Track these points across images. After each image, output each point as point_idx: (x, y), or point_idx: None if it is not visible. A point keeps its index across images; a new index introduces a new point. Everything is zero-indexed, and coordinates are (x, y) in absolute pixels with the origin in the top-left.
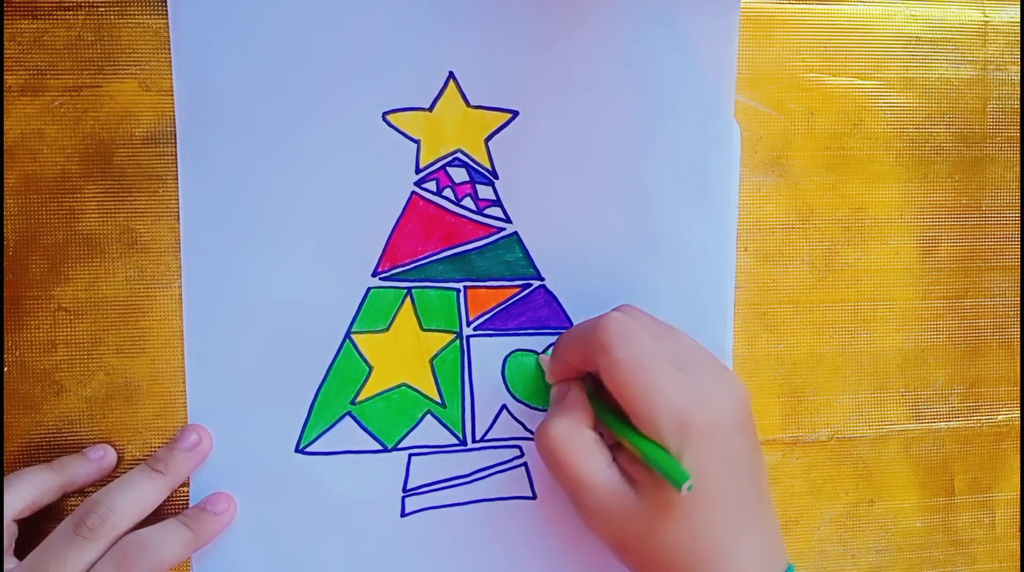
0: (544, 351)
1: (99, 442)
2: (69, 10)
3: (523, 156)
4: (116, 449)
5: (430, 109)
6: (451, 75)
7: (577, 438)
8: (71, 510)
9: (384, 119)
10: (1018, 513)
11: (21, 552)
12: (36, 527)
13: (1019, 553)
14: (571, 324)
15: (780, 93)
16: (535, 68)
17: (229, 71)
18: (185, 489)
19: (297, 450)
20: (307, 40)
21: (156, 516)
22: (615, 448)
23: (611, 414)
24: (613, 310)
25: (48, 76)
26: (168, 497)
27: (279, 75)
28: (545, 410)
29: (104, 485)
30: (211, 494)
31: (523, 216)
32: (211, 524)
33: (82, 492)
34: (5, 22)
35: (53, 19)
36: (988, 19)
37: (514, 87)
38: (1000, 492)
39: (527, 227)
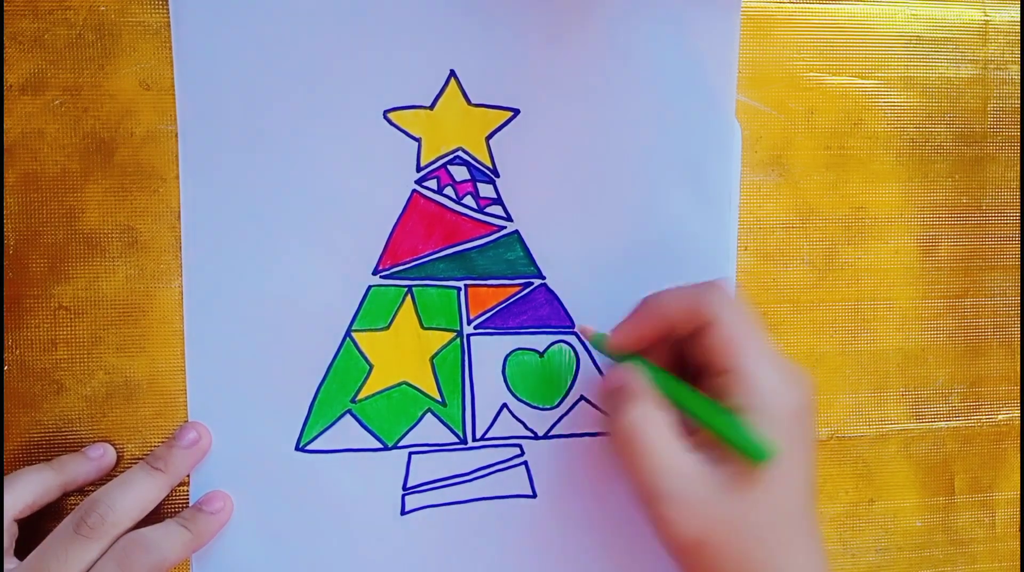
0: (545, 351)
1: (99, 441)
2: (70, 9)
3: (524, 155)
4: (116, 448)
5: (431, 107)
6: (452, 73)
7: (655, 423)
8: (71, 509)
9: (385, 117)
10: (1018, 513)
11: (21, 552)
12: (36, 526)
13: (1019, 553)
14: (571, 323)
15: (780, 92)
16: (536, 67)
17: (230, 69)
18: (185, 488)
19: (297, 448)
20: (308, 38)
21: (156, 514)
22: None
23: (682, 389)
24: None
25: (48, 75)
26: (168, 495)
27: (280, 73)
28: (546, 409)
29: (104, 484)
30: (207, 493)
31: (524, 215)
32: (209, 524)
33: (82, 491)
34: (5, 21)
35: (53, 18)
36: (989, 18)
37: (515, 86)
38: (1000, 492)
39: (528, 226)
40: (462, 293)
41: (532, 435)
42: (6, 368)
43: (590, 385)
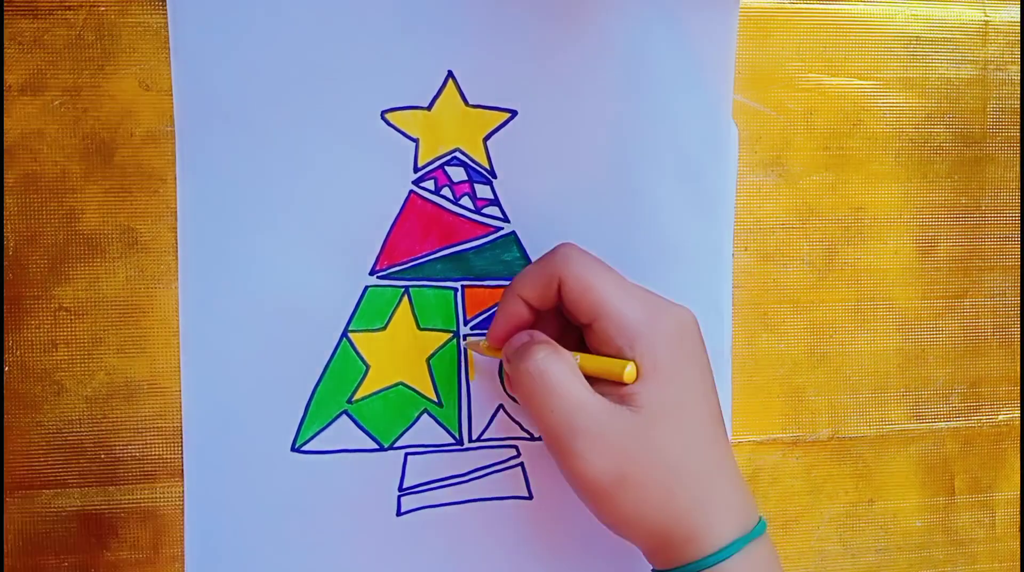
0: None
1: (100, 442)
2: (69, 10)
3: (521, 156)
4: (117, 449)
5: (429, 108)
6: (450, 74)
7: (562, 364)
8: (73, 509)
9: (383, 118)
10: (1018, 513)
11: (20, 561)
12: (32, 536)
13: (1019, 553)
14: None
15: (779, 93)
16: (534, 68)
17: (228, 69)
18: (182, 488)
19: (293, 449)
20: (306, 39)
21: (156, 517)
22: None
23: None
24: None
25: (48, 76)
26: (166, 493)
27: (278, 73)
28: None
29: (103, 490)
30: None
31: (521, 216)
32: None
33: (80, 490)
34: (5, 22)
35: (53, 19)
36: (988, 19)
37: (513, 87)
38: (1000, 492)
39: (525, 227)
40: (459, 294)
41: (528, 437)
42: (6, 369)
43: None
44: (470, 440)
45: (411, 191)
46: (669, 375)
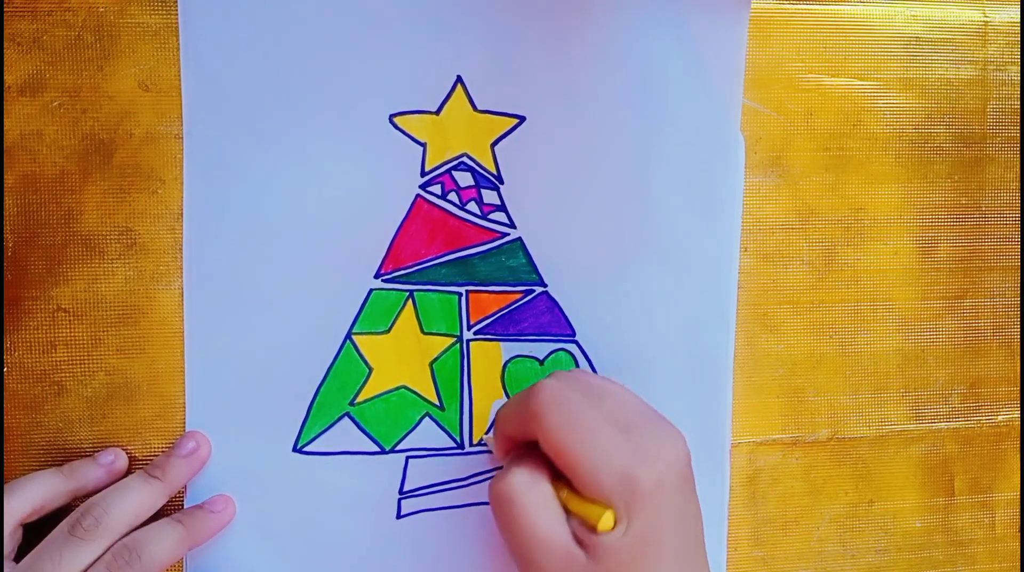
0: (545, 359)
1: (100, 442)
2: (69, 10)
3: (529, 162)
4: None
5: (437, 112)
6: (459, 79)
7: (536, 490)
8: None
9: (391, 122)
10: (1018, 513)
11: (23, 553)
12: (44, 533)
13: (1019, 553)
14: (572, 331)
15: (780, 93)
16: (543, 74)
17: (237, 71)
18: (183, 488)
19: (295, 449)
20: (315, 42)
21: (154, 520)
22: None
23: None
24: (547, 377)
25: (47, 76)
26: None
27: (287, 76)
28: None
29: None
30: (211, 497)
31: (527, 222)
32: (206, 522)
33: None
34: (5, 22)
35: (52, 19)
36: (988, 19)
37: (522, 93)
38: (1000, 492)
39: (531, 233)
40: (463, 299)
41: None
42: (6, 370)
43: None
44: (471, 444)
45: (418, 195)
46: (642, 533)
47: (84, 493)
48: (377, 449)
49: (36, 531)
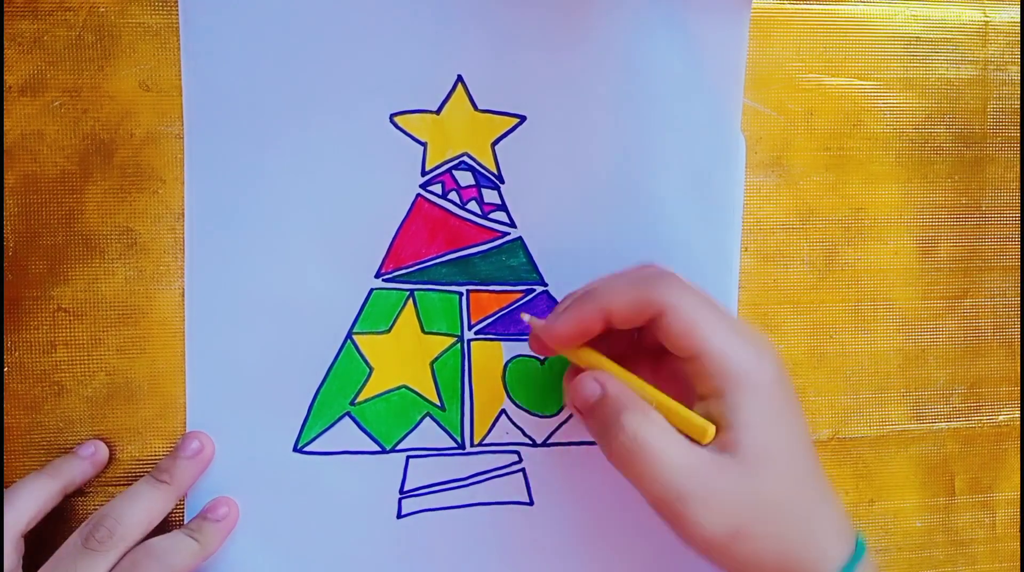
0: (546, 359)
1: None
2: (69, 10)
3: (529, 161)
4: (117, 450)
5: (438, 112)
6: (460, 79)
7: (655, 427)
8: (73, 512)
9: (391, 121)
10: (1018, 513)
11: (28, 560)
12: (40, 530)
13: (1019, 553)
14: None
15: (780, 93)
16: (544, 74)
17: (237, 70)
18: None
19: (295, 449)
20: (316, 41)
21: (161, 525)
22: None
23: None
24: (652, 266)
25: (48, 76)
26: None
27: (287, 76)
28: (545, 416)
29: (103, 490)
30: (210, 501)
31: (528, 221)
32: (216, 532)
33: (82, 492)
34: (5, 22)
35: (53, 19)
36: (988, 19)
37: (522, 92)
38: (1000, 492)
39: (531, 232)
40: (464, 298)
41: (530, 442)
42: (6, 370)
43: None
44: (472, 445)
45: (418, 195)
46: (772, 419)
47: (73, 488)
48: (378, 449)
49: (35, 534)
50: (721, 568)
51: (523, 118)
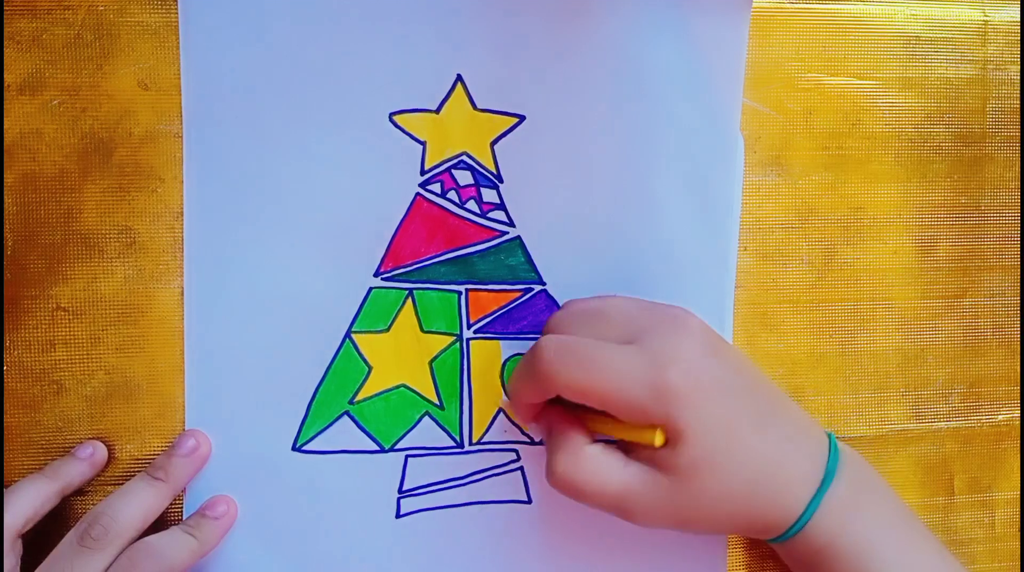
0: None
1: (99, 441)
2: (68, 9)
3: (528, 161)
4: (116, 449)
5: (437, 111)
6: (459, 78)
7: (583, 461)
8: (72, 512)
9: (391, 120)
10: (1018, 513)
11: (27, 561)
12: (39, 532)
13: (1019, 553)
14: None
15: (779, 93)
16: (543, 73)
17: (236, 69)
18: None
19: (294, 448)
20: (315, 40)
21: (158, 523)
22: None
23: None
24: (542, 336)
25: (47, 75)
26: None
27: (286, 74)
28: None
29: (102, 490)
30: (209, 499)
31: (527, 220)
32: (213, 529)
33: (81, 492)
34: (5, 21)
35: (52, 18)
36: (988, 19)
37: (522, 92)
38: (1000, 492)
39: (530, 232)
40: (463, 297)
41: (529, 441)
42: (5, 369)
43: None
44: (471, 443)
45: (417, 193)
46: (704, 425)
47: (72, 490)
48: (376, 448)
49: (33, 535)
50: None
51: (522, 118)
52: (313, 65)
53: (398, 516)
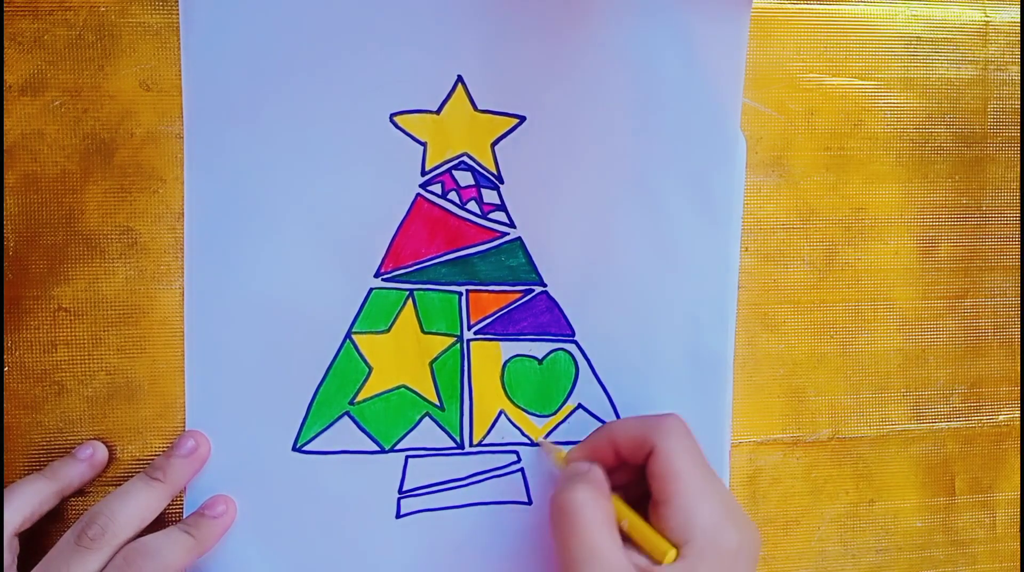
0: (544, 359)
1: (100, 441)
2: (69, 10)
3: (529, 162)
4: (117, 449)
5: (438, 112)
6: (460, 79)
7: (600, 509)
8: (71, 512)
9: (391, 121)
10: (1018, 513)
11: (24, 560)
12: (38, 532)
13: (1019, 553)
14: (572, 331)
15: (780, 93)
16: (543, 74)
17: (238, 70)
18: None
19: (294, 449)
20: (316, 41)
21: (157, 523)
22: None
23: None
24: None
25: (48, 76)
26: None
27: (287, 75)
28: (543, 416)
29: (102, 491)
30: (209, 498)
31: (527, 221)
32: (212, 529)
33: (81, 492)
34: (5, 22)
35: (53, 19)
36: (989, 19)
37: (522, 93)
38: (1000, 492)
39: (531, 232)
40: (463, 298)
41: (529, 442)
42: (6, 369)
43: (588, 393)
44: (471, 444)
45: (418, 194)
46: None
47: (71, 491)
48: (377, 448)
49: (31, 535)
50: None
51: (523, 118)
52: (314, 66)
53: (398, 516)
